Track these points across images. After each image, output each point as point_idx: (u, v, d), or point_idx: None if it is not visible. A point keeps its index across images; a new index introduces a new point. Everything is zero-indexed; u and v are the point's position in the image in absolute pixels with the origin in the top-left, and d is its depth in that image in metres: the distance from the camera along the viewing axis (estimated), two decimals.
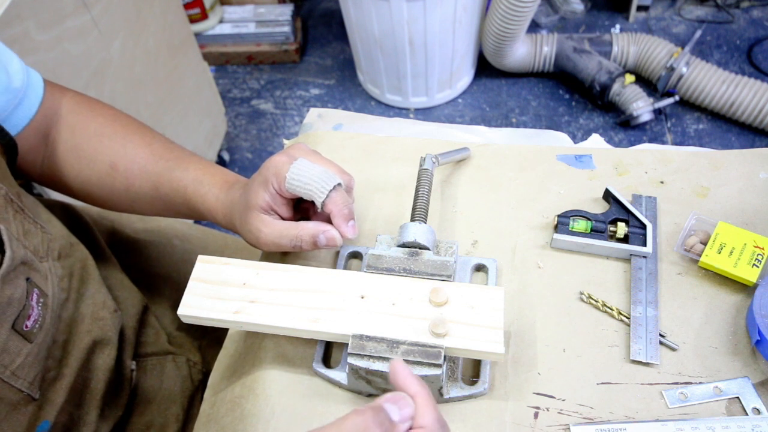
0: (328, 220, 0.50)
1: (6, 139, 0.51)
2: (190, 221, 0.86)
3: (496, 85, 2.00)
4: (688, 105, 1.84)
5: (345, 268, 0.57)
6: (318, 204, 0.50)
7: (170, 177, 0.57)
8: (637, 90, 1.76)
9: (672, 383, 0.48)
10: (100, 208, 0.64)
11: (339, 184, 0.50)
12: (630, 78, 1.77)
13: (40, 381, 0.48)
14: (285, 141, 0.71)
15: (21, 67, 0.54)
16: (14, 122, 0.54)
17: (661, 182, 0.61)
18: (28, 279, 0.47)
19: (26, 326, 0.46)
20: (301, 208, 0.56)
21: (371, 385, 0.47)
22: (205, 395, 0.54)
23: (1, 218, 0.46)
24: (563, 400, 0.48)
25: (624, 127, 1.83)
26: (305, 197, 0.50)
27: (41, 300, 0.48)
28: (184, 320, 0.48)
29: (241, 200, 0.53)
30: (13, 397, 0.46)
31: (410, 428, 0.36)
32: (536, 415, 0.47)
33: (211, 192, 0.56)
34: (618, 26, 2.01)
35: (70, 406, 0.52)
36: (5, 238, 0.45)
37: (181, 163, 0.58)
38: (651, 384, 0.48)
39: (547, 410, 0.47)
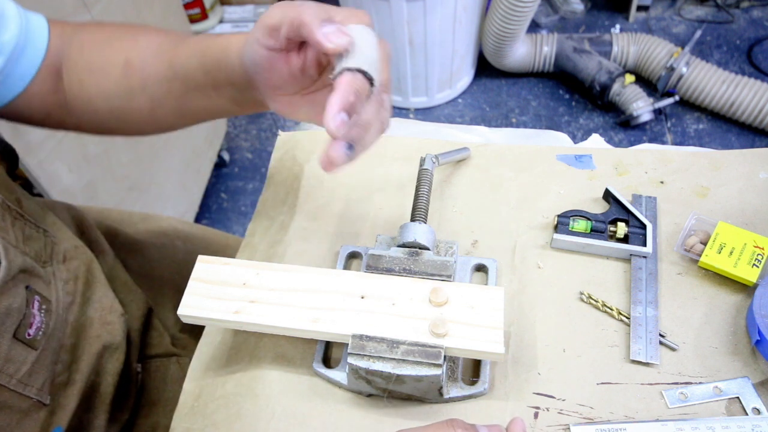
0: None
1: (2, 146, 0.51)
2: (191, 222, 0.86)
3: (496, 85, 2.00)
4: (688, 105, 1.84)
5: (345, 268, 0.57)
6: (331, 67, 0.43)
7: (187, 44, 0.52)
8: (637, 90, 1.76)
9: (672, 383, 0.48)
10: (123, 132, 0.60)
11: (368, 77, 0.41)
12: (630, 78, 1.77)
13: (49, 386, 0.48)
14: (281, 132, 0.71)
15: (17, 13, 0.51)
16: (20, 73, 0.51)
17: (661, 182, 0.61)
18: (27, 287, 0.46)
19: (29, 334, 0.45)
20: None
21: (371, 385, 0.47)
22: (186, 386, 0.52)
23: None
24: (563, 400, 0.48)
25: (624, 127, 1.83)
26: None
27: (43, 306, 0.47)
28: (184, 320, 0.48)
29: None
30: (23, 405, 0.46)
31: None
32: (536, 415, 0.47)
33: (230, 36, 0.50)
34: (618, 26, 2.01)
35: (80, 410, 0.52)
36: (0, 248, 0.44)
37: (196, 36, 0.53)
38: (651, 384, 0.48)
39: (547, 410, 0.47)
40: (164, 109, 0.56)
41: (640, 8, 2.13)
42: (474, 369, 0.50)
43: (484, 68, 2.00)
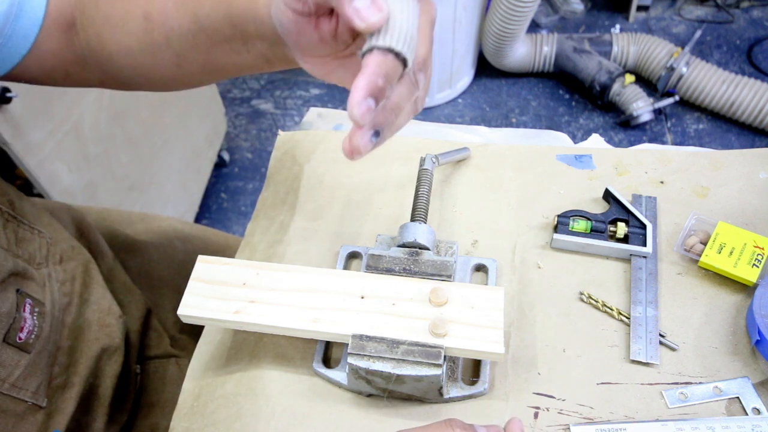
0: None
1: None
2: (191, 222, 0.86)
3: (496, 85, 2.00)
4: (688, 105, 1.84)
5: (345, 268, 0.57)
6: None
7: None
8: (637, 90, 1.76)
9: (672, 383, 0.48)
10: (151, 88, 0.57)
11: (401, 58, 0.35)
12: (630, 78, 1.77)
13: (45, 388, 0.48)
14: (280, 132, 0.71)
15: None
16: (23, 33, 0.49)
17: (661, 182, 0.61)
18: (18, 290, 0.46)
19: (20, 338, 0.45)
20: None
21: (371, 385, 0.47)
22: (185, 386, 0.52)
23: None
24: (563, 400, 0.48)
25: (624, 127, 1.83)
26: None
27: (36, 309, 0.47)
28: (184, 320, 0.48)
29: None
30: (17, 408, 0.45)
31: None
32: (536, 415, 0.47)
33: None
34: (618, 26, 2.01)
35: (78, 413, 0.51)
36: None
37: None
38: (651, 384, 0.48)
39: (547, 410, 0.47)
40: (191, 65, 0.52)
41: (640, 8, 2.13)
42: (474, 369, 0.50)
43: (484, 68, 2.00)
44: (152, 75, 0.53)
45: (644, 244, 0.55)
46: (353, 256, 0.57)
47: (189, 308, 0.48)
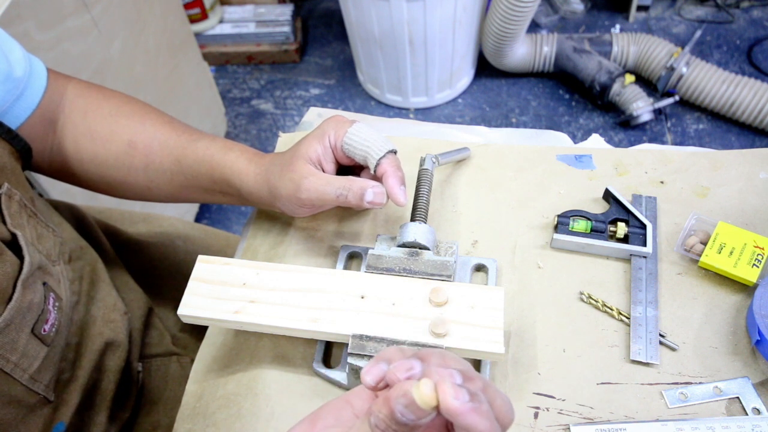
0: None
1: (21, 144, 0.51)
2: (192, 222, 0.86)
3: (496, 85, 2.00)
4: (688, 105, 1.84)
5: (345, 268, 0.57)
6: (371, 164, 0.51)
7: (195, 147, 0.55)
8: (637, 90, 1.76)
9: (672, 383, 0.48)
10: (112, 195, 0.62)
11: (394, 151, 0.52)
12: (630, 78, 1.77)
13: (54, 384, 0.49)
14: (281, 134, 0.71)
15: (23, 56, 0.53)
16: (17, 112, 0.53)
17: (661, 182, 0.61)
18: (44, 283, 0.47)
19: (44, 330, 0.46)
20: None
21: None
22: (188, 387, 0.52)
23: (17, 224, 0.46)
24: (563, 400, 0.48)
25: (624, 127, 1.83)
26: (358, 158, 0.52)
27: (56, 304, 0.48)
28: (184, 320, 0.48)
29: (282, 157, 0.53)
30: (30, 400, 0.46)
31: None
32: (536, 415, 0.47)
33: (243, 157, 0.54)
34: (618, 26, 2.01)
35: (82, 407, 0.52)
36: (22, 243, 0.45)
37: (205, 137, 0.57)
38: (651, 384, 0.48)
39: (547, 410, 0.47)
40: (161, 192, 0.59)
41: (640, 8, 2.13)
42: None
43: (484, 68, 2.00)
44: (118, 188, 0.60)
45: (644, 244, 0.55)
46: (353, 256, 0.57)
47: (189, 308, 0.48)
